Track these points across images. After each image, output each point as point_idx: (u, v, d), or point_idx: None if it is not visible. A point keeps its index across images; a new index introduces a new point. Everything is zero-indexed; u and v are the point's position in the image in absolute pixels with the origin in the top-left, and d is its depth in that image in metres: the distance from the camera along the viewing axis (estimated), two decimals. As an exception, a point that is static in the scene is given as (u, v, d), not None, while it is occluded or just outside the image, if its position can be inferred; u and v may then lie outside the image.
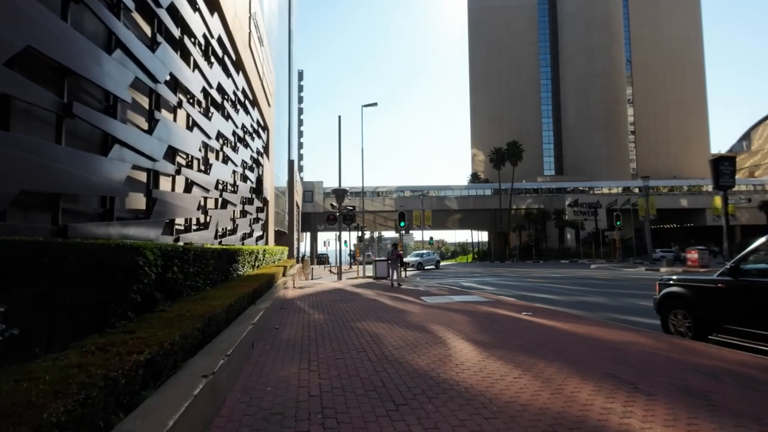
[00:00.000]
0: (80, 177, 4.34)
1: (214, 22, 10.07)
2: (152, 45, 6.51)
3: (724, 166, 16.16)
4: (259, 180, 18.33)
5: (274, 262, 14.93)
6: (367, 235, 59.11)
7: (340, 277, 19.97)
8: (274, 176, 25.74)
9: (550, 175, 77.56)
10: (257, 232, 17.91)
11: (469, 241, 71.97)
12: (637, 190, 55.68)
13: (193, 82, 8.37)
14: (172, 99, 7.26)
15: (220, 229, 11.22)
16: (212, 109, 10.27)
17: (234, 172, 12.71)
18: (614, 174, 69.48)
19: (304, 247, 55.68)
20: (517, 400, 3.27)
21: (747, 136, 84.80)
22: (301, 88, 65.23)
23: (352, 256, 44.68)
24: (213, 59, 10.18)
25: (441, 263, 40.93)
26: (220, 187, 10.88)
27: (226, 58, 11.50)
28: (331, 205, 20.70)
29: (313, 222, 54.17)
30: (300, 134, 65.01)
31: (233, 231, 13.08)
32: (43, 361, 2.19)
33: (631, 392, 3.43)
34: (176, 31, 7.41)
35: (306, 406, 3.17)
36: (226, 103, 11.70)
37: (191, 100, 8.60)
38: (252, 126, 16.41)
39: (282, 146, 35.64)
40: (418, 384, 3.69)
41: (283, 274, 13.09)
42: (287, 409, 3.11)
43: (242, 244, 13.72)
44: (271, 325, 6.71)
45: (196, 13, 8.54)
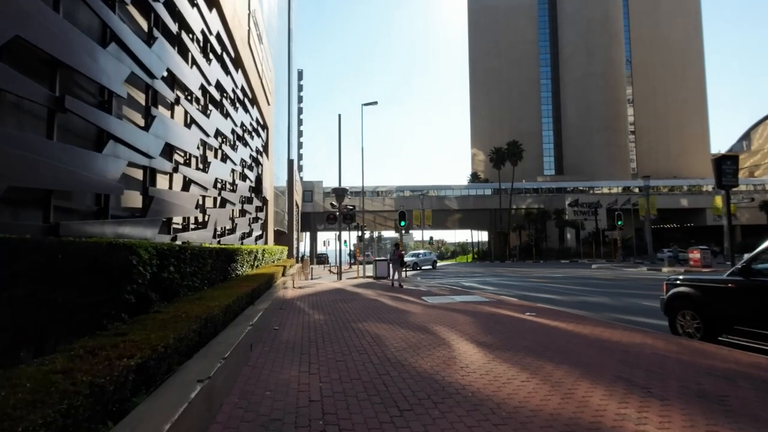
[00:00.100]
0: (73, 173, 4.19)
1: (213, 18, 9.93)
2: (149, 40, 6.36)
3: (726, 165, 15.92)
4: (259, 179, 18.18)
5: (273, 262, 14.79)
6: (367, 234, 59.04)
7: (340, 277, 19.86)
8: (274, 175, 25.58)
9: (550, 175, 77.47)
10: (256, 232, 17.76)
11: (469, 240, 71.89)
12: (637, 190, 55.64)
13: (191, 78, 8.23)
14: (169, 95, 7.12)
15: (218, 229, 11.08)
16: (211, 107, 10.13)
17: (233, 170, 12.57)
18: (614, 174, 69.44)
19: (304, 246, 55.56)
20: (526, 405, 3.14)
21: (747, 136, 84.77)
22: (300, 88, 65.18)
23: (352, 255, 44.62)
24: (212, 56, 10.03)
25: (440, 263, 40.84)
26: (218, 185, 10.73)
27: (224, 56, 11.36)
28: (331, 204, 20.57)
29: (312, 222, 54.04)
30: (300, 134, 64.98)
31: (232, 230, 12.94)
32: (28, 367, 2.05)
33: (645, 397, 3.31)
34: (174, 27, 7.27)
35: (306, 412, 3.05)
36: (224, 101, 11.56)
37: (189, 97, 8.45)
38: (251, 124, 16.25)
39: (281, 145, 35.51)
40: (422, 388, 3.56)
41: (283, 274, 12.95)
42: (287, 415, 2.98)
43: (241, 243, 13.58)
44: (270, 326, 6.58)
45: (194, 9, 8.39)
